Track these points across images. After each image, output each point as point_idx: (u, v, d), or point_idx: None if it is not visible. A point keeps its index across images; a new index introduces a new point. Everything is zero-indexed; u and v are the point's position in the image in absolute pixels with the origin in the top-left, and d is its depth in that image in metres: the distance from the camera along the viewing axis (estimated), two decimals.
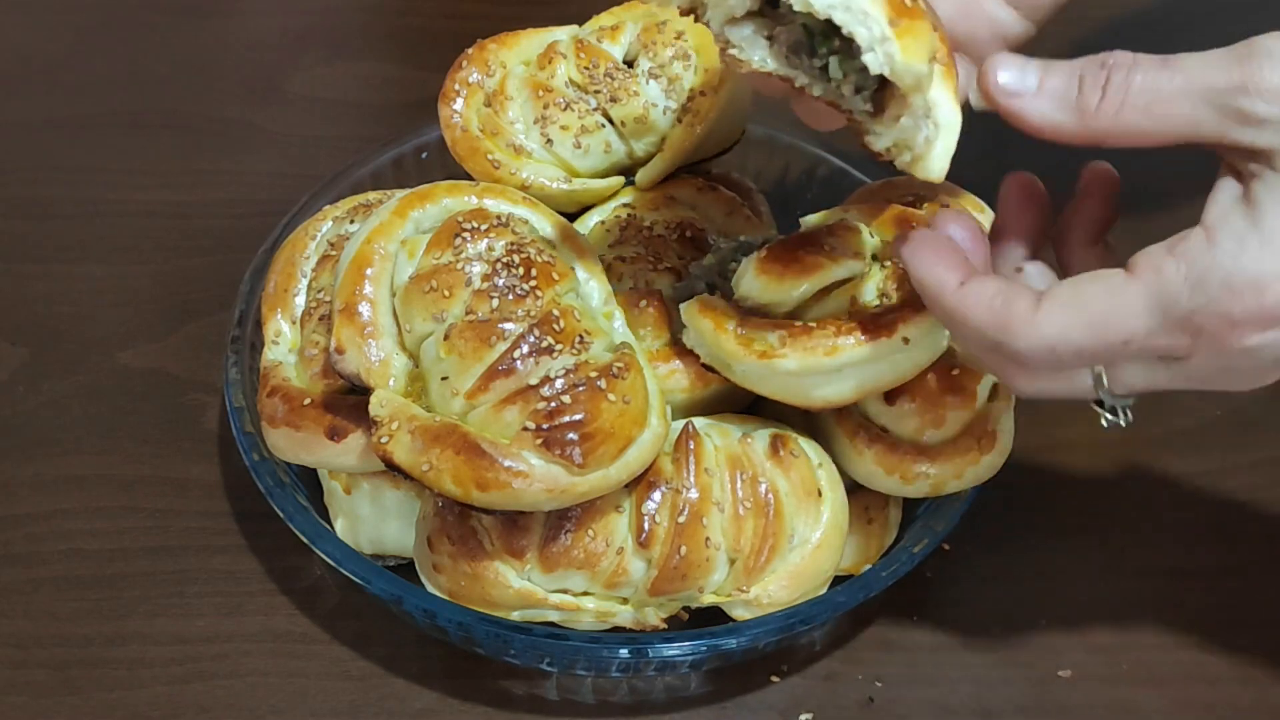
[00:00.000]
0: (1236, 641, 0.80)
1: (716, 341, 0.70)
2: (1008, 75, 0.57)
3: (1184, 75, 0.55)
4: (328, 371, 0.73)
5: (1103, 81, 0.55)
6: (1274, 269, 0.53)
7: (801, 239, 0.71)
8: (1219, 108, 0.54)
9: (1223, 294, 0.53)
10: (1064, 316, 0.56)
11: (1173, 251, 0.55)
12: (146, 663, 0.76)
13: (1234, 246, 0.53)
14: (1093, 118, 0.56)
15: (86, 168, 1.08)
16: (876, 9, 0.54)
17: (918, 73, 0.55)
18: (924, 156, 0.58)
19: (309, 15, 1.28)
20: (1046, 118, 0.57)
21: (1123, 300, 0.55)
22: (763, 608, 0.71)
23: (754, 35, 0.59)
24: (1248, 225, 0.54)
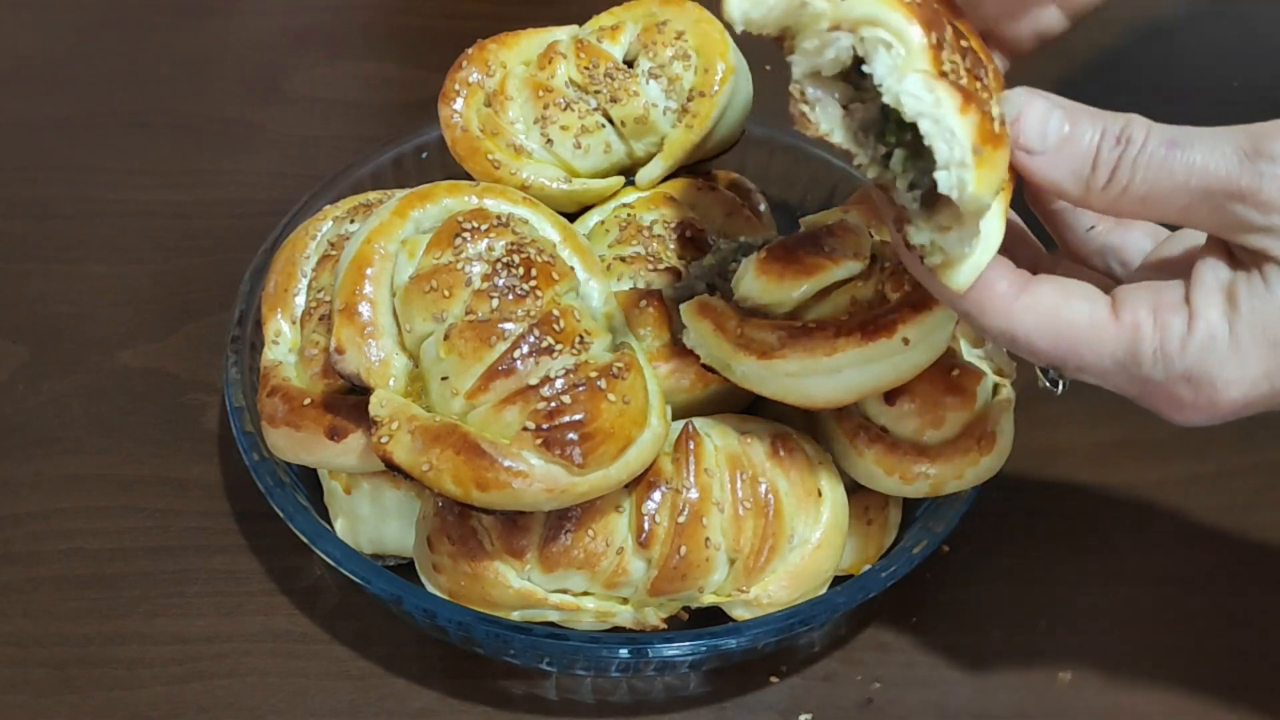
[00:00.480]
0: (1236, 645, 0.80)
1: (716, 342, 0.70)
2: (1030, 131, 0.57)
3: (1186, 171, 0.55)
4: (328, 371, 0.73)
5: (1113, 163, 0.56)
6: (1234, 376, 0.56)
7: (801, 239, 0.71)
8: (1213, 209, 0.55)
9: (1181, 381, 0.57)
10: (1036, 321, 0.58)
11: (1155, 316, 0.57)
12: (146, 662, 0.76)
13: (1206, 343, 0.56)
14: (1096, 195, 0.57)
15: (86, 168, 1.08)
16: (964, 131, 0.52)
17: (983, 204, 0.54)
18: (954, 265, 0.57)
19: (309, 15, 1.28)
20: (1054, 182, 0.57)
21: (1095, 338, 0.57)
22: (762, 608, 0.71)
23: (829, 99, 0.57)
24: (1223, 325, 0.56)
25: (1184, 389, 0.57)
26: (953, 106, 0.52)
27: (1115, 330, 0.57)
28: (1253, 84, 1.24)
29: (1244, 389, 0.56)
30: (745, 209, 0.86)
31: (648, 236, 0.80)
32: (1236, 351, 0.56)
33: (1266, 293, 0.55)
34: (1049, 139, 0.56)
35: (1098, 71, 1.24)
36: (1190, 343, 0.56)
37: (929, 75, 0.52)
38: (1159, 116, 0.57)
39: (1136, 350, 0.57)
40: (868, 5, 0.53)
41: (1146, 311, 0.57)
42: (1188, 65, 1.27)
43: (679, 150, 0.83)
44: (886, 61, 0.53)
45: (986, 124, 0.53)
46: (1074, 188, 0.57)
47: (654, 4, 0.88)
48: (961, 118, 0.52)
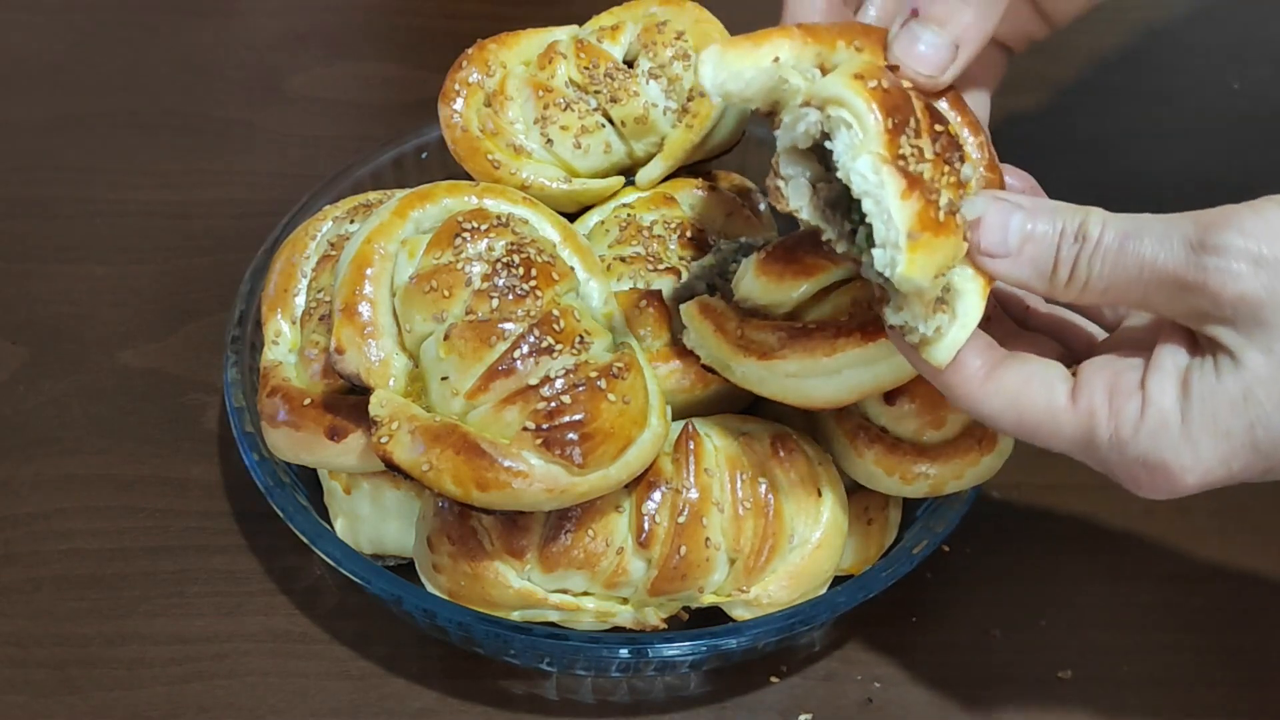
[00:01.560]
0: (1237, 644, 0.80)
1: (716, 343, 0.70)
2: (991, 237, 0.59)
3: (1138, 265, 0.57)
4: (328, 371, 0.73)
5: (1072, 260, 0.58)
6: (1186, 463, 0.58)
7: (801, 239, 0.71)
8: (1169, 297, 0.57)
9: (1136, 466, 0.59)
10: (1001, 405, 0.61)
11: (1110, 403, 0.59)
12: (146, 662, 0.76)
13: (1158, 431, 0.58)
14: (1061, 291, 0.59)
15: (86, 168, 1.08)
16: (901, 216, 0.55)
17: (917, 286, 0.56)
18: (932, 343, 0.59)
19: (309, 15, 1.28)
20: (1021, 280, 0.60)
21: (1055, 424, 0.60)
22: (763, 608, 0.71)
23: (800, 178, 0.60)
24: (1175, 414, 0.58)
25: (1140, 471, 0.59)
26: (894, 191, 0.54)
27: (1072, 416, 0.59)
28: (1253, 84, 1.24)
29: (1199, 475, 0.58)
30: (745, 209, 0.86)
31: (648, 236, 0.80)
32: (1188, 439, 0.57)
33: (1217, 383, 0.57)
34: (1010, 242, 0.59)
35: (1097, 72, 1.24)
36: (1143, 428, 0.58)
37: (880, 158, 0.55)
38: (1158, 117, 0.57)
39: (1092, 436, 0.59)
40: (835, 86, 0.56)
41: (1102, 397, 0.59)
42: (1187, 66, 1.27)
43: (679, 150, 0.83)
44: (845, 140, 0.56)
45: (929, 212, 0.55)
46: (1039, 285, 0.60)
47: (654, 4, 0.88)
48: (901, 202, 0.55)
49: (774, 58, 0.58)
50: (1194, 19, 1.33)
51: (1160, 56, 1.28)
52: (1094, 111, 1.17)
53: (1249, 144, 1.17)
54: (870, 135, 0.56)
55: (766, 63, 0.58)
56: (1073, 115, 1.16)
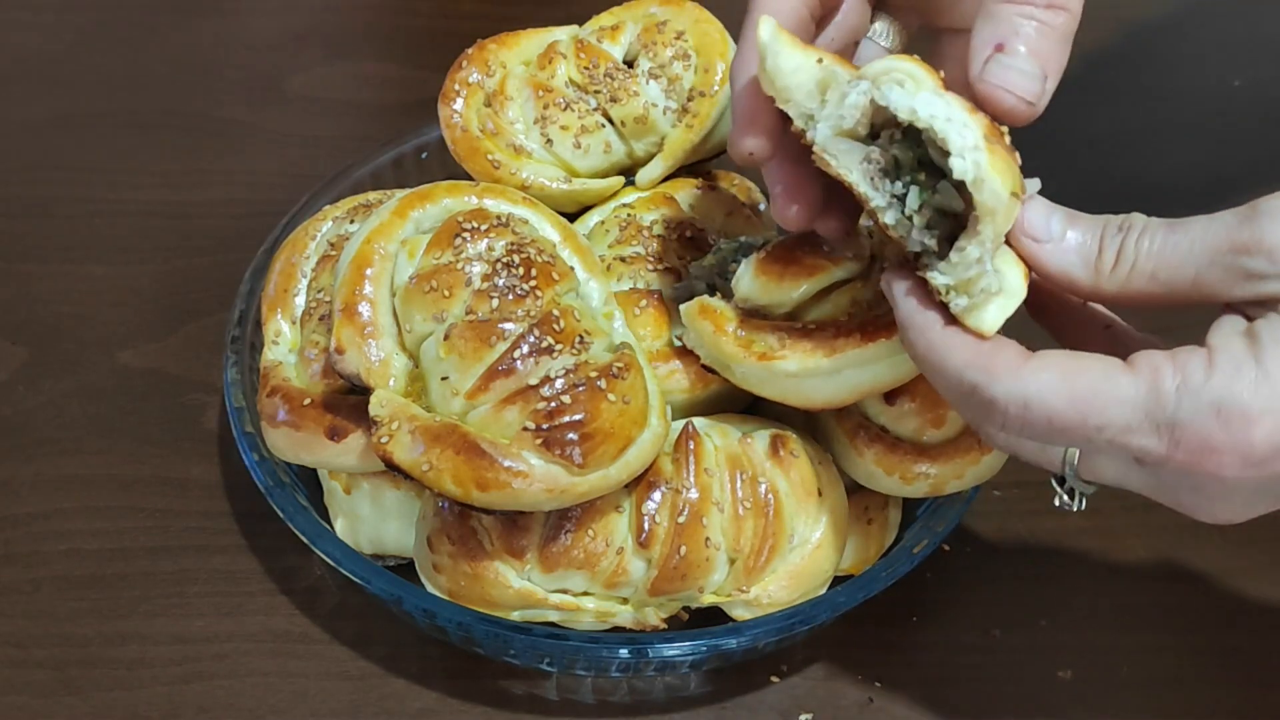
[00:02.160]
0: (1237, 644, 0.80)
1: (716, 343, 0.70)
2: (1035, 220, 0.58)
3: (1189, 240, 0.56)
4: (328, 371, 0.73)
5: (1118, 245, 0.57)
6: (1265, 405, 0.53)
7: (801, 240, 0.71)
8: (1223, 268, 0.56)
9: (1210, 416, 0.53)
10: (1050, 378, 0.55)
11: (1173, 359, 0.55)
12: (146, 663, 0.76)
13: (1231, 371, 0.53)
14: (1106, 279, 0.58)
15: (86, 167, 1.08)
16: (975, 124, 0.56)
17: (999, 192, 0.55)
18: (980, 307, 0.57)
19: (309, 15, 1.28)
20: (1064, 271, 0.58)
21: (1113, 386, 0.55)
22: (763, 608, 0.71)
23: (851, 150, 0.60)
24: (1248, 356, 0.54)
25: (1215, 426, 0.53)
26: (962, 108, 0.56)
27: (1132, 377, 0.54)
28: (1253, 83, 1.24)
29: (1277, 420, 0.53)
30: (745, 209, 0.86)
31: (648, 236, 0.80)
32: (1266, 381, 0.53)
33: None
34: (1054, 228, 0.58)
35: (1096, 72, 1.24)
36: (1215, 373, 0.53)
37: (939, 90, 0.57)
38: (1157, 117, 0.57)
39: (1158, 389, 0.54)
40: (888, 60, 0.58)
41: (1161, 357, 0.55)
42: (1187, 64, 1.27)
43: (679, 150, 0.83)
44: (900, 93, 0.57)
45: (995, 129, 0.57)
46: (1084, 274, 0.58)
47: (654, 4, 0.88)
48: (971, 116, 0.56)
49: (819, 59, 0.60)
50: (1194, 18, 1.33)
51: (1160, 55, 1.28)
52: (1094, 111, 1.17)
53: (1250, 142, 1.17)
54: (924, 82, 0.57)
55: (812, 59, 0.60)
56: (1072, 115, 1.16)
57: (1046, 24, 0.59)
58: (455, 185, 0.75)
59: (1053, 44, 0.59)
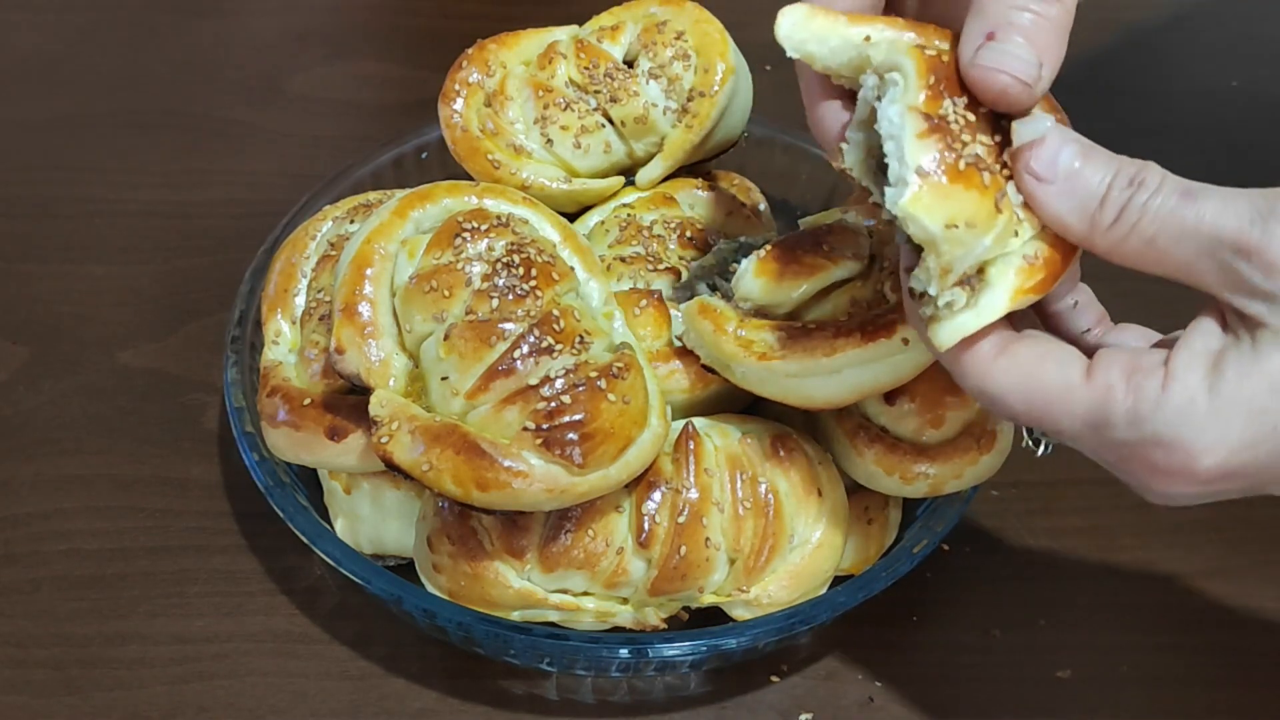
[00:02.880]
0: (1236, 643, 0.80)
1: (716, 343, 0.70)
2: (1042, 157, 0.56)
3: (1196, 216, 0.54)
4: (328, 371, 0.73)
5: (1123, 203, 0.55)
6: (1209, 443, 0.53)
7: (801, 239, 0.71)
8: (1219, 263, 0.54)
9: (1154, 445, 0.54)
10: (1011, 383, 0.57)
11: (1129, 377, 0.55)
12: (146, 662, 0.76)
13: (1183, 405, 0.54)
14: (1100, 234, 0.56)
15: (86, 168, 1.08)
16: (912, 151, 0.54)
17: (928, 227, 0.54)
18: (939, 320, 0.57)
19: (309, 15, 1.28)
20: (1060, 215, 0.56)
21: (1068, 400, 0.56)
22: (763, 608, 0.71)
23: (858, 143, 0.60)
24: (1202, 388, 0.54)
25: (1156, 453, 0.54)
26: (912, 131, 0.55)
27: (1086, 391, 0.56)
28: (1252, 83, 1.24)
29: (1222, 456, 0.54)
30: (745, 209, 0.86)
31: (648, 236, 0.80)
32: (1215, 417, 0.53)
33: (1255, 359, 0.53)
34: (1060, 166, 0.56)
35: (1094, 72, 1.24)
36: (1164, 404, 0.54)
37: (913, 108, 0.55)
38: (1156, 118, 0.57)
39: (1106, 413, 0.55)
40: (894, 54, 0.57)
41: (1120, 373, 0.55)
42: (1186, 65, 1.27)
43: (679, 150, 0.84)
44: (889, 96, 0.56)
45: (946, 156, 0.54)
46: (1079, 223, 0.56)
47: (654, 4, 0.88)
48: (917, 140, 0.54)
49: (866, 36, 0.59)
50: (1193, 18, 1.33)
51: (1159, 56, 1.28)
52: (1092, 111, 1.17)
53: (1249, 142, 1.17)
54: (911, 88, 0.55)
55: (858, 39, 0.59)
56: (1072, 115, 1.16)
57: (1041, 15, 0.57)
58: (455, 185, 0.75)
59: (1048, 34, 0.58)
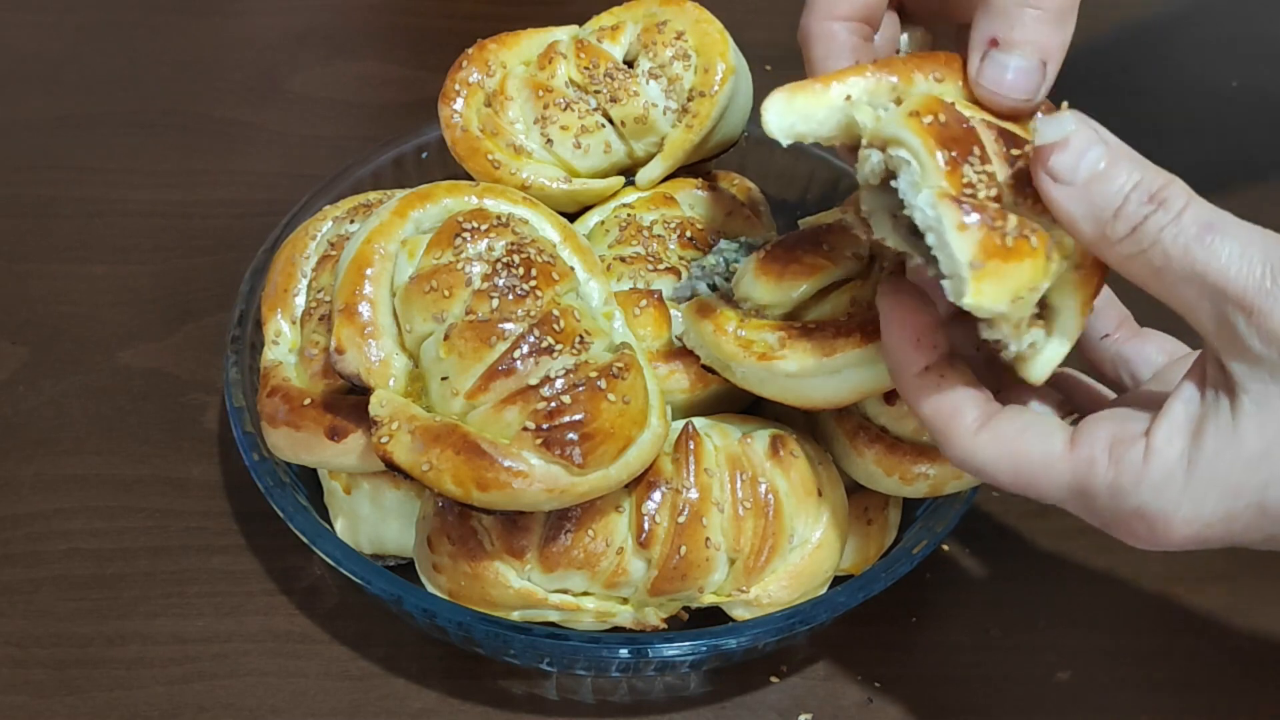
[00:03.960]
0: (1236, 644, 0.80)
1: (716, 343, 0.70)
2: (1063, 161, 0.55)
3: (1207, 260, 0.53)
4: (328, 371, 0.73)
5: (1137, 221, 0.54)
6: (1185, 516, 0.55)
7: (801, 239, 0.71)
8: (1219, 313, 0.53)
9: (1134, 516, 0.56)
10: (995, 455, 0.59)
11: (1112, 450, 0.56)
12: (146, 663, 0.76)
13: (1161, 481, 0.55)
14: (1109, 246, 0.55)
15: (86, 168, 1.08)
16: (960, 247, 0.54)
17: (992, 312, 0.56)
18: (1028, 359, 0.58)
19: (309, 15, 1.28)
20: (1072, 217, 0.56)
21: (1051, 473, 0.58)
22: (763, 608, 0.71)
23: (881, 211, 0.60)
24: (1181, 466, 0.55)
25: (1137, 523, 0.56)
26: (951, 223, 0.55)
27: (1068, 464, 0.57)
28: (1252, 83, 1.24)
29: (1197, 528, 0.55)
30: (745, 209, 0.86)
31: (648, 236, 0.80)
32: (1192, 494, 0.54)
33: (1232, 434, 0.54)
34: (1080, 170, 0.55)
35: (1094, 72, 1.24)
36: (1145, 478, 0.55)
37: (940, 192, 0.55)
38: (1156, 117, 0.57)
39: (1089, 484, 0.57)
40: (891, 126, 0.57)
41: (1103, 445, 0.57)
42: (1186, 64, 1.27)
43: (679, 150, 0.84)
44: (907, 177, 0.56)
45: (992, 240, 0.55)
46: (1090, 229, 0.55)
47: (654, 4, 0.88)
48: (959, 234, 0.55)
49: (846, 96, 0.59)
50: (1192, 17, 1.34)
51: (1159, 55, 1.28)
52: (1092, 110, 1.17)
53: (1249, 142, 1.17)
54: (929, 170, 0.56)
55: (839, 101, 0.59)
56: None
57: (1040, 8, 0.58)
58: (455, 185, 0.75)
59: (1049, 28, 0.58)
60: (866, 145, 0.58)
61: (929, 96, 0.58)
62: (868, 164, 0.59)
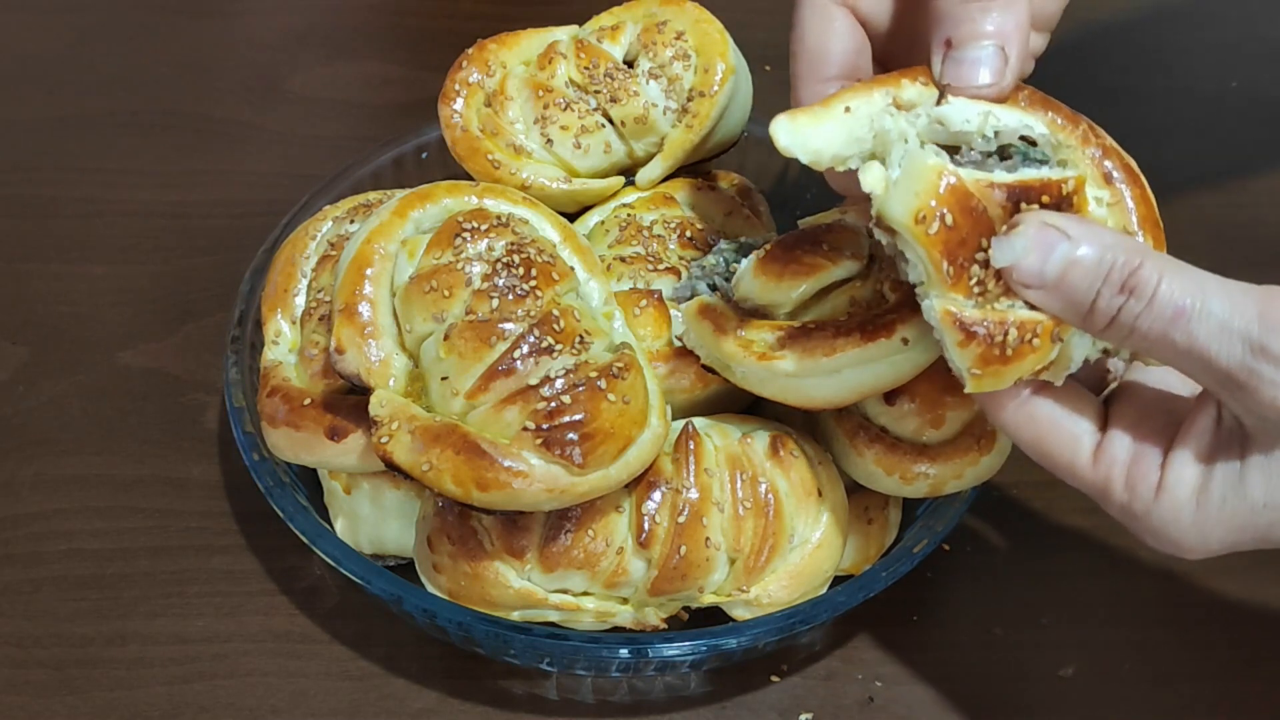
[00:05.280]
0: (1239, 640, 0.80)
1: (716, 343, 0.70)
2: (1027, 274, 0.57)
3: (1187, 344, 0.55)
4: (328, 371, 0.73)
5: (1113, 313, 0.56)
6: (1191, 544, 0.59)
7: (800, 239, 0.71)
8: (1215, 382, 0.56)
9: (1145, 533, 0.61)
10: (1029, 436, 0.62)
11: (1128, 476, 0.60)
12: (146, 663, 0.76)
13: (1170, 517, 0.59)
14: (1094, 331, 0.58)
15: (86, 168, 1.08)
16: (962, 360, 0.59)
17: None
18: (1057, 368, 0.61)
19: (309, 15, 1.28)
20: (1054, 312, 0.58)
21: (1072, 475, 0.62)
22: (763, 608, 0.71)
23: None
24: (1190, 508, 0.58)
25: (1145, 537, 0.61)
26: (952, 341, 0.58)
27: (1089, 476, 0.61)
28: (1252, 84, 1.24)
29: (1200, 553, 0.60)
30: (745, 209, 0.86)
31: (648, 236, 0.80)
32: (1198, 530, 0.58)
33: (1240, 485, 0.57)
34: (1047, 276, 0.56)
35: (1094, 73, 1.24)
36: (1155, 511, 0.59)
37: (944, 311, 0.58)
38: (1154, 119, 0.57)
39: (1105, 496, 0.61)
40: (898, 217, 0.57)
41: (1121, 470, 0.60)
42: (1187, 66, 1.27)
43: (679, 150, 0.83)
44: (919, 272, 0.59)
45: (992, 352, 0.58)
46: (1072, 319, 0.58)
47: (654, 4, 0.88)
48: (960, 351, 0.58)
49: (845, 108, 0.61)
50: (1192, 19, 1.33)
51: (1158, 56, 1.28)
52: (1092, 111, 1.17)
53: (1248, 142, 1.17)
54: (934, 280, 0.58)
55: (840, 114, 0.61)
56: None
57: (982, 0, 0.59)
58: (455, 185, 0.75)
59: (998, 14, 0.59)
60: (875, 224, 0.59)
61: (930, 174, 0.57)
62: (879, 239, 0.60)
